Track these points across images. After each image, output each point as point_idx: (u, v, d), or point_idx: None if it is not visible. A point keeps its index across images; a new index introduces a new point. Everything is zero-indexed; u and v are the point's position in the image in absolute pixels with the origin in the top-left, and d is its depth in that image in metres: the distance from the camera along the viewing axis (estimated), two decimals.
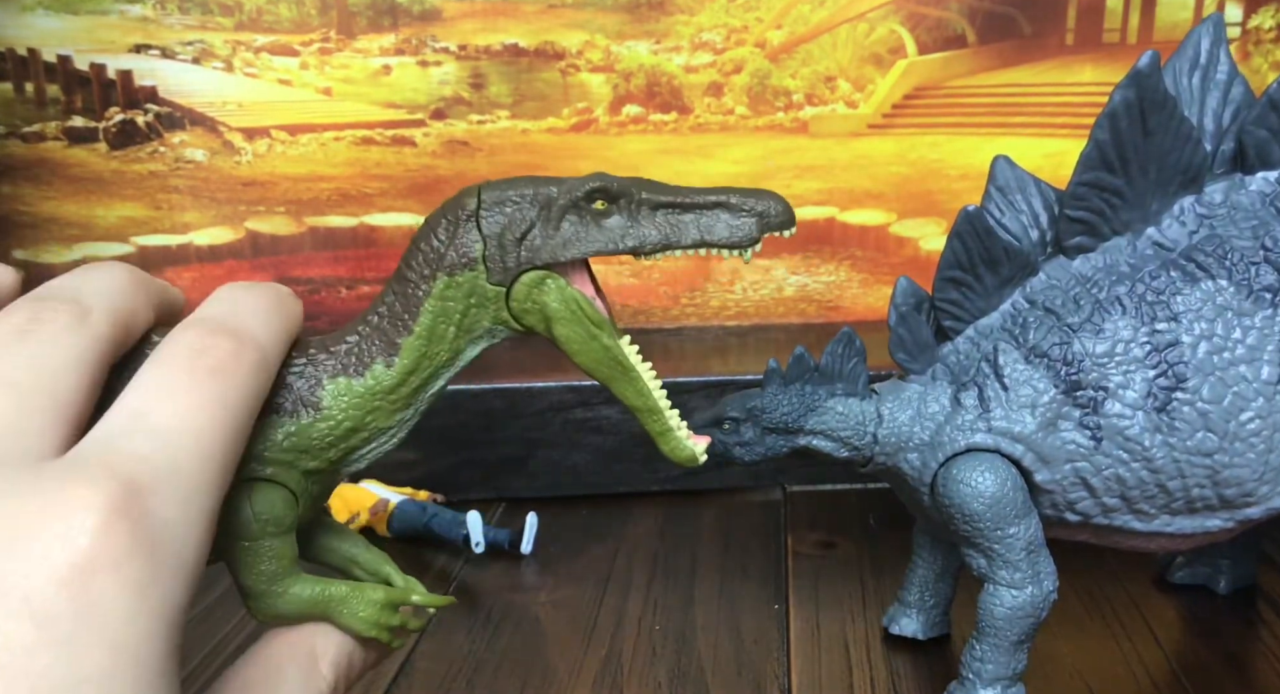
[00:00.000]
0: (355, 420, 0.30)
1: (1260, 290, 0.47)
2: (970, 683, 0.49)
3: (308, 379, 0.30)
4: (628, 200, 0.30)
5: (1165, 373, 0.47)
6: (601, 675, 0.55)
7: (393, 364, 0.30)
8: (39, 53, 0.88)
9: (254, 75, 0.89)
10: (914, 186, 0.92)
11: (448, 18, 0.89)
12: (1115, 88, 0.46)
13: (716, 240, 0.30)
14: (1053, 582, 0.49)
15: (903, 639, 0.57)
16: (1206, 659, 0.55)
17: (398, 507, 0.70)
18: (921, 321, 0.51)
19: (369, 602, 0.30)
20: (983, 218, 0.49)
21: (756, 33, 0.89)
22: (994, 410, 0.48)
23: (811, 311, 0.94)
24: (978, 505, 0.47)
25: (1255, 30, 0.88)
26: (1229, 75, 0.49)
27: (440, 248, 0.30)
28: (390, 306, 0.30)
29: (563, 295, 0.30)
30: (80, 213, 0.90)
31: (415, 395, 0.31)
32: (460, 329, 0.30)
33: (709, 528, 0.73)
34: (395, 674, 0.55)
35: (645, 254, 0.30)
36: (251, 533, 0.28)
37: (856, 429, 0.51)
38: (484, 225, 0.30)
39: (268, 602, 0.29)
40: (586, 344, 0.31)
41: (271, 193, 0.91)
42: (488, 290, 0.30)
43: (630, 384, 0.31)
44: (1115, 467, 0.47)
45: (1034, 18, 0.89)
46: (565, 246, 0.30)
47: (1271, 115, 0.48)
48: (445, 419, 0.75)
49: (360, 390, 0.30)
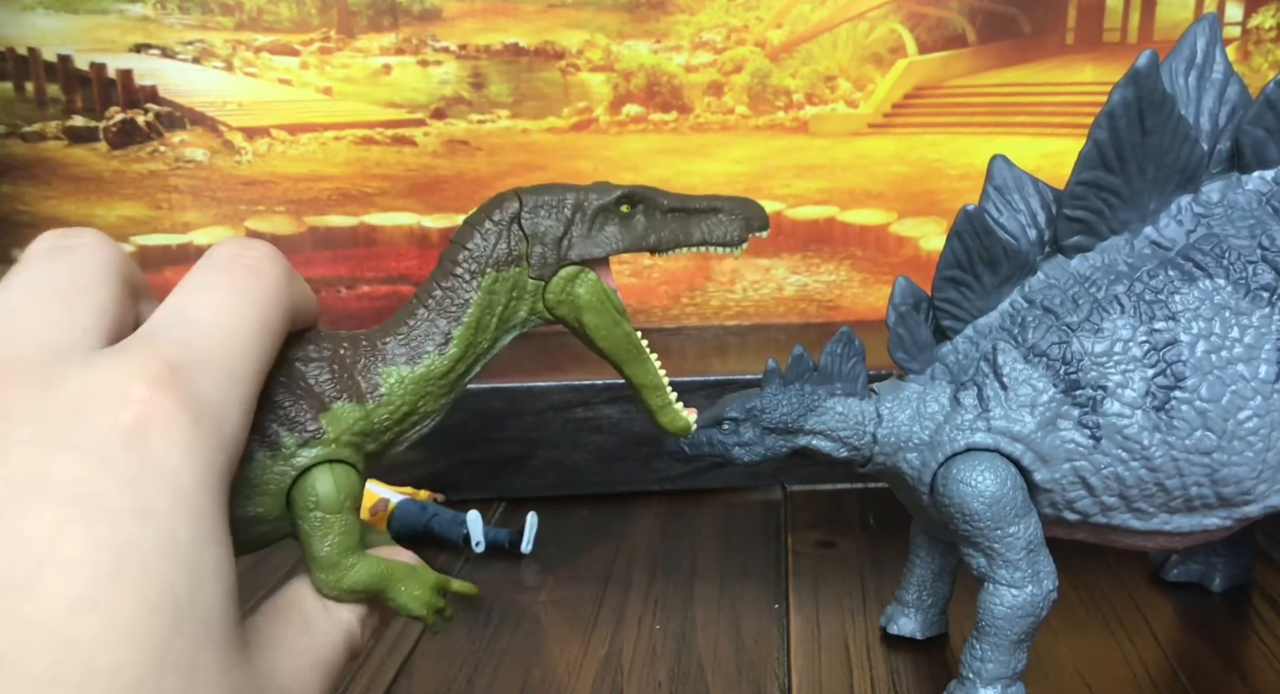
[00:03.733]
0: (410, 405, 0.34)
1: (1258, 289, 0.47)
2: (970, 682, 0.49)
3: (366, 369, 0.33)
4: (648, 205, 0.35)
5: (1164, 372, 0.47)
6: (601, 675, 0.55)
7: (445, 352, 0.34)
8: (39, 52, 0.88)
9: (254, 75, 0.89)
10: (914, 186, 0.92)
11: (448, 17, 0.89)
12: (1114, 87, 0.47)
13: (716, 239, 0.36)
14: (1053, 581, 0.49)
15: (902, 639, 0.57)
16: (1206, 659, 0.55)
17: (398, 506, 0.70)
18: (920, 321, 0.51)
19: (424, 582, 0.33)
20: (982, 217, 0.49)
21: (757, 32, 0.89)
22: (993, 410, 0.48)
23: (811, 311, 0.94)
24: (977, 505, 0.47)
25: (1255, 30, 0.88)
26: (1225, 74, 0.49)
27: (488, 246, 0.34)
28: (439, 300, 0.34)
29: (594, 288, 0.34)
30: (80, 212, 0.90)
31: (460, 381, 0.35)
32: (501, 319, 0.34)
33: (709, 528, 0.73)
34: (395, 674, 0.55)
35: (662, 251, 0.35)
36: (334, 506, 0.31)
37: (856, 429, 0.51)
38: (526, 226, 0.34)
39: (337, 573, 0.32)
40: (612, 330, 0.35)
41: (271, 192, 0.91)
42: (529, 284, 0.34)
43: (642, 364, 0.36)
44: (1114, 465, 0.47)
45: (1034, 17, 0.89)
46: (598, 244, 0.34)
47: (1268, 114, 0.48)
48: (445, 419, 0.75)
49: (416, 377, 0.33)
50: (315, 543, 0.31)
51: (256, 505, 0.31)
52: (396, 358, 0.33)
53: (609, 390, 0.76)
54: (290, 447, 0.31)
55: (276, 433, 0.31)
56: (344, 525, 0.32)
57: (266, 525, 0.32)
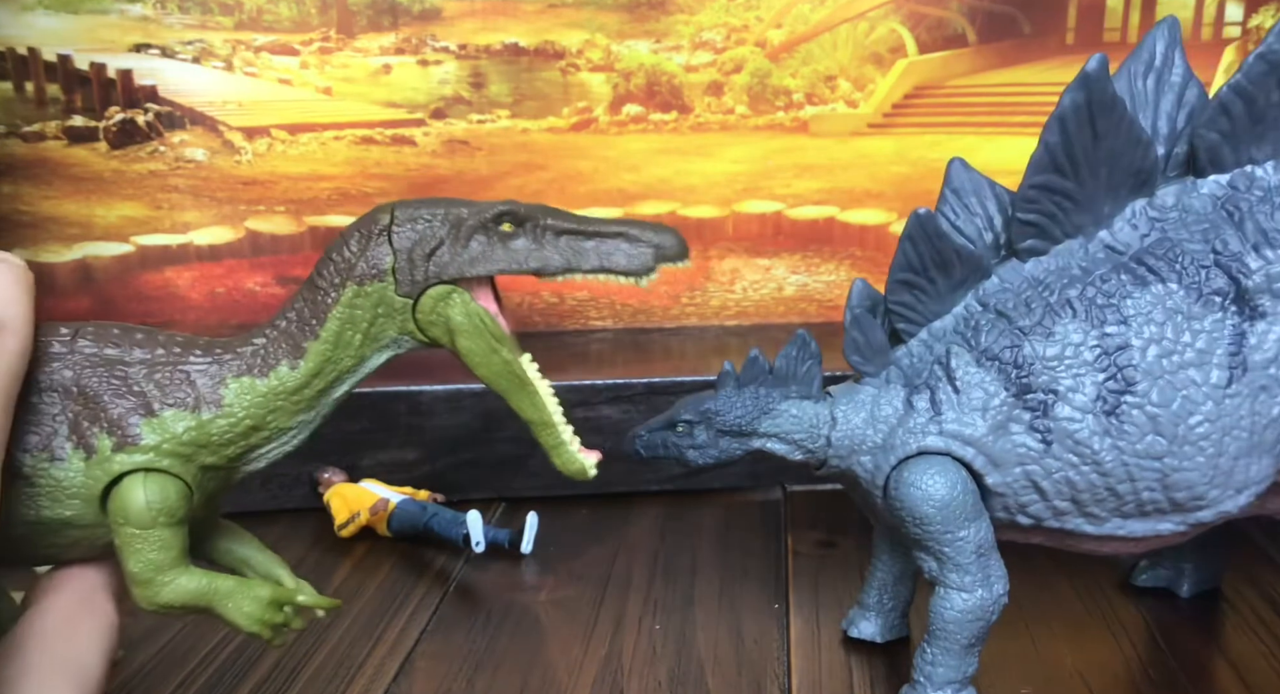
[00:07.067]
0: (256, 419, 0.32)
1: (1210, 294, 0.46)
2: (921, 686, 0.49)
3: (211, 377, 0.31)
4: (533, 225, 0.32)
5: (1115, 376, 0.46)
6: (601, 675, 0.55)
7: (297, 366, 0.32)
8: (39, 52, 0.88)
9: (254, 75, 0.89)
10: (914, 186, 0.92)
11: (448, 17, 0.89)
12: (1064, 90, 0.46)
13: (614, 268, 0.33)
14: (1003, 585, 0.49)
15: (904, 640, 0.57)
16: (1206, 659, 0.55)
17: (398, 506, 0.70)
18: (875, 324, 0.50)
19: (254, 598, 0.32)
20: (934, 220, 0.48)
21: (757, 32, 0.89)
22: (945, 413, 0.48)
23: (812, 311, 0.94)
24: (928, 508, 0.47)
25: (1255, 30, 0.87)
26: (1183, 78, 0.49)
27: (351, 259, 0.32)
28: (299, 312, 0.32)
29: (467, 310, 0.32)
30: (80, 212, 0.90)
31: (318, 398, 0.33)
32: (367, 337, 0.32)
33: (709, 528, 0.73)
34: (395, 674, 0.55)
35: (547, 275, 0.33)
36: (143, 521, 0.30)
37: (810, 432, 0.51)
38: (395, 240, 0.32)
39: (153, 590, 0.30)
40: (487, 357, 0.33)
41: (271, 192, 0.91)
42: (395, 301, 0.32)
43: (527, 397, 0.34)
44: (1065, 470, 0.47)
45: (1034, 17, 0.89)
46: (472, 264, 0.32)
47: (1222, 118, 0.47)
48: (445, 419, 0.75)
49: (263, 390, 0.32)
50: (127, 558, 0.30)
51: (65, 508, 0.29)
52: (246, 369, 0.32)
53: (609, 390, 0.76)
54: (105, 450, 0.30)
55: (93, 434, 0.29)
56: (158, 542, 0.30)
57: (79, 530, 0.30)
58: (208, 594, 0.31)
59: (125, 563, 0.30)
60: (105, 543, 0.31)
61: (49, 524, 0.29)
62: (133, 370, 0.30)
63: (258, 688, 0.54)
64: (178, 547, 0.30)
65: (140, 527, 0.30)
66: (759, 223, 0.91)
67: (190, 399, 0.31)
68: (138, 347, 0.31)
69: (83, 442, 0.29)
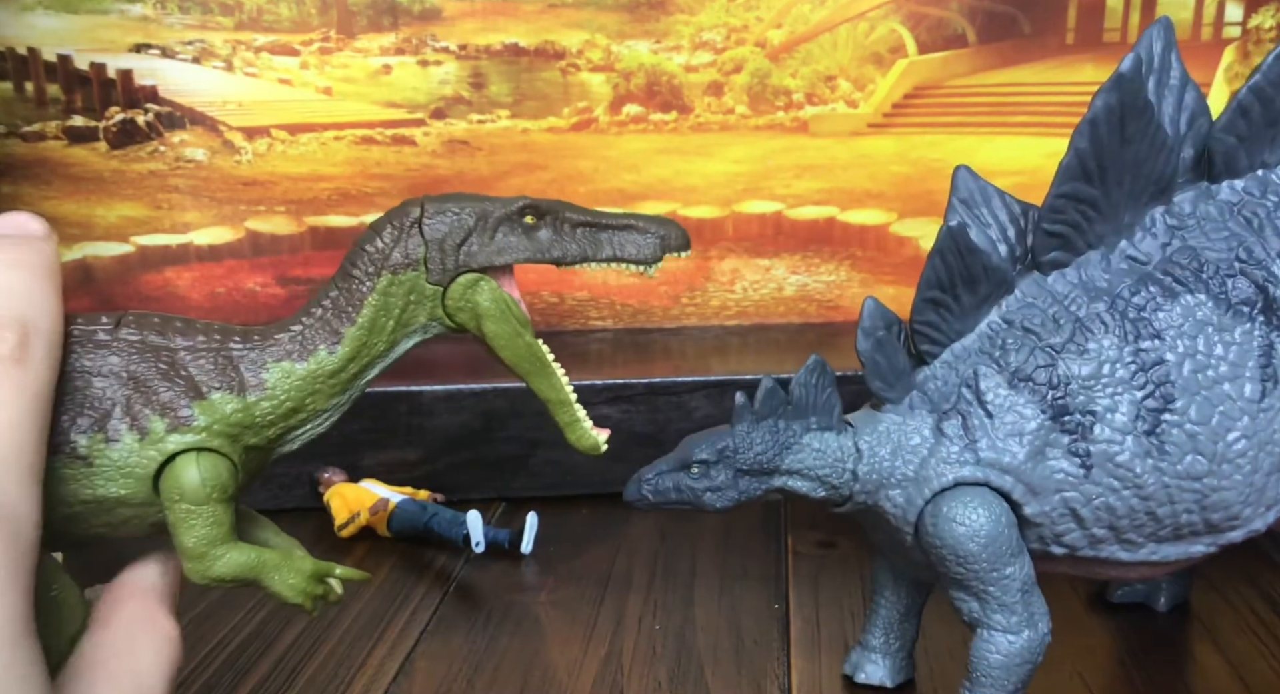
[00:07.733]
0: (296, 401, 0.33)
1: (1238, 304, 0.45)
2: None
3: (253, 362, 0.33)
4: (554, 217, 0.35)
5: (1153, 394, 0.44)
6: (601, 675, 0.55)
7: (335, 351, 0.34)
8: (39, 52, 0.88)
9: (254, 75, 0.89)
10: (914, 186, 0.92)
11: (448, 17, 0.89)
12: (1096, 92, 0.44)
13: (626, 256, 0.35)
14: (1047, 623, 0.46)
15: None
16: (1206, 659, 0.55)
17: (398, 506, 0.70)
18: (898, 347, 0.47)
19: (298, 570, 0.34)
20: (965, 234, 0.45)
21: (757, 32, 0.89)
22: (980, 440, 0.45)
23: (812, 311, 0.94)
24: (973, 545, 0.44)
25: (1255, 30, 0.88)
26: (1181, 80, 0.47)
27: (385, 249, 0.34)
28: (335, 300, 0.34)
29: (494, 296, 0.34)
30: (80, 212, 0.90)
31: (352, 382, 0.34)
32: (398, 323, 0.34)
33: (709, 528, 0.73)
34: (395, 674, 0.56)
35: (566, 264, 0.35)
36: (198, 497, 0.31)
37: (835, 467, 0.47)
38: (427, 231, 0.34)
39: (206, 563, 0.32)
40: (512, 340, 0.35)
41: (271, 192, 0.91)
42: (426, 289, 0.34)
43: (546, 378, 0.36)
44: (1105, 495, 0.45)
45: (1034, 17, 0.89)
46: (499, 253, 0.34)
47: (1239, 121, 0.46)
48: (445, 419, 0.75)
49: (303, 373, 0.33)
50: (181, 533, 0.32)
51: (120, 487, 0.31)
52: (287, 353, 0.33)
53: (609, 390, 0.76)
54: (159, 432, 0.31)
55: (146, 417, 0.31)
56: (210, 517, 0.32)
57: (130, 509, 0.32)
58: (256, 567, 0.33)
59: (179, 538, 0.32)
60: (153, 521, 0.32)
61: (104, 502, 0.31)
62: (179, 356, 0.32)
63: (258, 687, 0.54)
64: (228, 522, 0.32)
65: (195, 503, 0.31)
66: (759, 223, 0.91)
67: (236, 383, 0.33)
68: (179, 334, 0.33)
69: (136, 423, 0.31)
